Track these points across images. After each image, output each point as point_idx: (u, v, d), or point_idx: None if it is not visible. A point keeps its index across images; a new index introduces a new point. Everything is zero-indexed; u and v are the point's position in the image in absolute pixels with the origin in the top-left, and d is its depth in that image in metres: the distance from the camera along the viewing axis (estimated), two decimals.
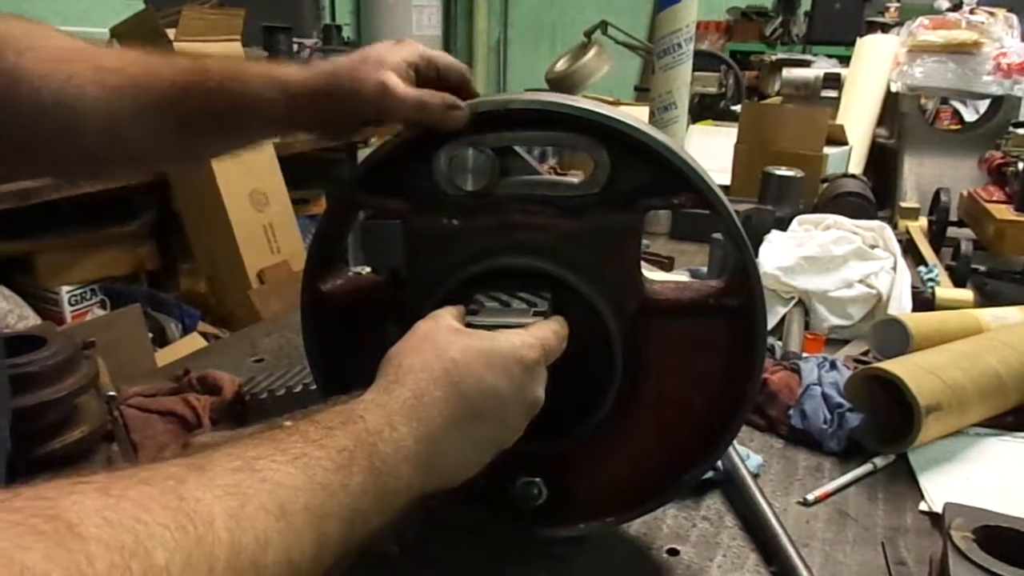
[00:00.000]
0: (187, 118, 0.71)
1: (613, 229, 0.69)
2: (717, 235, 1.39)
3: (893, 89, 2.37)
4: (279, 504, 0.40)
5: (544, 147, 2.05)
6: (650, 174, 0.67)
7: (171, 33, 2.53)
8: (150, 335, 2.49)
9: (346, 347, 0.77)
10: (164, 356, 2.34)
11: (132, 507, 0.34)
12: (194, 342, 2.53)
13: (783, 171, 1.76)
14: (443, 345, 0.53)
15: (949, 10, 2.69)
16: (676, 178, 0.67)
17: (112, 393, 0.94)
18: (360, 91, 0.68)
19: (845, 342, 1.31)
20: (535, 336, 0.59)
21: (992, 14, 2.27)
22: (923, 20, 2.32)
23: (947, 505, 0.76)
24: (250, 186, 2.80)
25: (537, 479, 0.73)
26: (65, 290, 2.60)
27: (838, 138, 2.22)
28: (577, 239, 0.69)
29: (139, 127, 0.71)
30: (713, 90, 3.33)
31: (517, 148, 0.70)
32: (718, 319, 0.71)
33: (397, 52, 0.71)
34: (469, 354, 0.54)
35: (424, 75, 0.71)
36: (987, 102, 2.34)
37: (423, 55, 0.72)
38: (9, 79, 0.67)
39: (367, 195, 0.73)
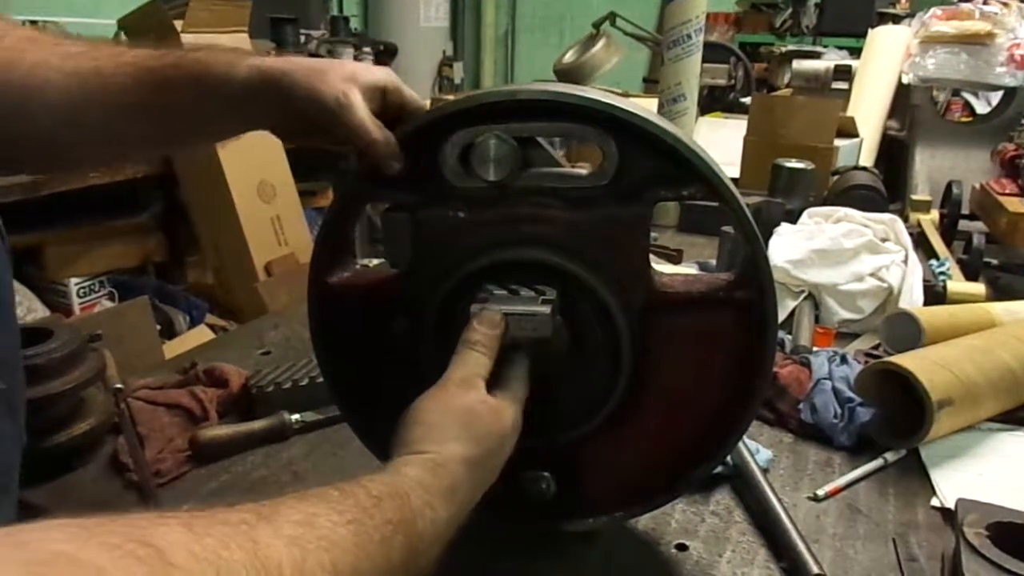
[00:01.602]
0: (150, 103, 0.70)
1: (622, 221, 0.68)
2: (726, 228, 1.38)
3: (905, 81, 2.35)
4: (333, 562, 0.43)
5: (552, 138, 2.04)
6: (659, 165, 0.66)
7: (178, 25, 2.52)
8: (158, 327, 2.49)
9: (353, 340, 0.77)
10: (172, 348, 2.34)
11: (214, 543, 0.37)
12: (201, 334, 2.53)
13: (793, 163, 1.75)
14: (483, 431, 0.58)
15: (962, 0, 2.66)
16: (686, 169, 0.66)
17: (119, 386, 0.94)
18: (320, 98, 0.66)
19: (855, 336, 1.29)
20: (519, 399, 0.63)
21: (1006, 4, 2.25)
22: (936, 11, 2.29)
23: (959, 501, 0.75)
24: (257, 178, 2.80)
25: (546, 474, 0.72)
26: (73, 282, 2.61)
27: (849, 130, 2.21)
28: (585, 231, 0.68)
29: (103, 113, 0.70)
30: (722, 82, 3.32)
31: (539, 139, 0.69)
32: (728, 312, 0.70)
33: (371, 72, 0.69)
34: (501, 437, 0.59)
35: (389, 102, 0.70)
36: (1000, 94, 2.32)
37: (395, 83, 0.70)
38: None
39: (373, 187, 0.73)
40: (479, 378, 0.60)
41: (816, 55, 3.37)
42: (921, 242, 1.74)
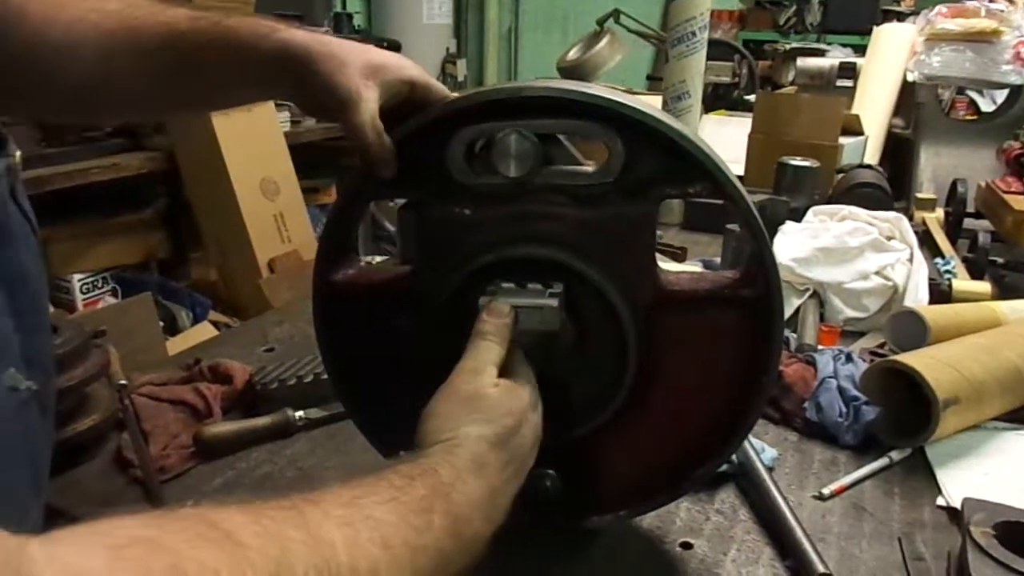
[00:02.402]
0: (179, 66, 0.71)
1: (628, 218, 0.68)
2: (731, 226, 1.38)
3: (910, 78, 2.34)
4: (383, 538, 0.44)
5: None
6: (665, 162, 0.66)
7: None
8: (161, 323, 2.49)
9: (358, 337, 0.76)
10: (175, 345, 2.34)
11: (272, 524, 0.39)
12: (205, 331, 2.53)
13: (798, 161, 1.74)
14: (497, 411, 0.58)
15: None
16: (692, 166, 0.66)
17: (123, 382, 0.94)
18: (333, 89, 0.65)
19: (860, 334, 1.29)
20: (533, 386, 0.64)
21: (1012, 2, 2.24)
22: (941, 8, 2.28)
23: (966, 500, 0.75)
24: (260, 175, 2.80)
25: (551, 471, 0.72)
26: (77, 278, 2.61)
27: (854, 128, 2.20)
28: (591, 229, 0.68)
29: (136, 72, 0.71)
30: (726, 79, 3.30)
31: (560, 136, 0.69)
32: (734, 310, 0.69)
33: (398, 68, 0.68)
34: (517, 416, 0.59)
35: (415, 98, 0.69)
36: (1005, 92, 2.31)
37: (424, 79, 0.70)
38: (14, 17, 0.67)
39: (378, 185, 0.72)
40: (490, 365, 0.61)
41: (820, 53, 3.36)
42: (926, 240, 1.73)
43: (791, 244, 1.34)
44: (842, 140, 2.08)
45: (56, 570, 0.31)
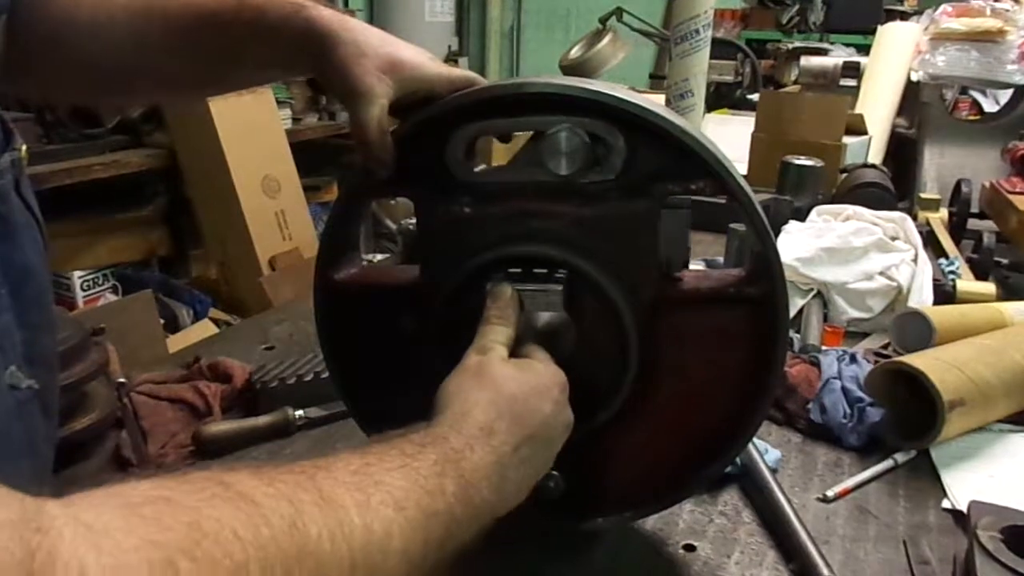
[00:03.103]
0: (207, 47, 0.71)
1: (629, 216, 0.67)
2: (734, 225, 1.37)
3: (914, 78, 2.32)
4: (396, 501, 0.44)
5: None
6: (667, 159, 0.65)
7: None
8: (162, 321, 2.49)
9: (359, 336, 0.76)
10: (176, 342, 2.34)
11: (285, 487, 0.40)
12: (205, 328, 2.53)
13: (801, 160, 1.73)
14: (501, 381, 0.58)
15: None
16: (694, 163, 0.65)
17: (122, 380, 0.93)
18: (345, 80, 0.65)
19: (864, 335, 1.28)
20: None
21: (1017, 1, 2.22)
22: (946, 7, 2.27)
23: (972, 504, 0.74)
24: (262, 172, 2.79)
25: (555, 472, 0.71)
26: (77, 275, 2.61)
27: (857, 127, 2.19)
28: (592, 227, 0.67)
29: (167, 51, 0.72)
30: (729, 78, 3.29)
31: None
32: (739, 309, 0.69)
33: (420, 67, 0.67)
34: (525, 388, 0.58)
35: (437, 96, 0.68)
36: (1009, 92, 2.30)
37: (447, 77, 0.68)
38: (40, 0, 0.68)
39: (378, 182, 0.72)
40: (497, 344, 0.61)
41: (823, 52, 3.35)
42: (930, 240, 1.72)
43: (795, 244, 1.33)
44: (846, 139, 2.07)
45: (74, 526, 0.31)
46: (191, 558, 0.33)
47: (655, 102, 0.68)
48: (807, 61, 2.70)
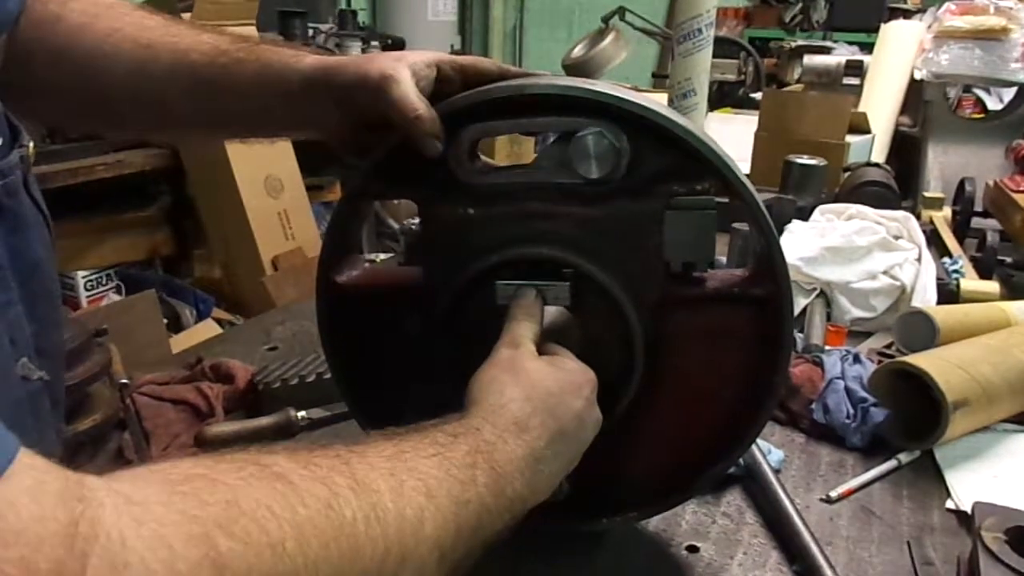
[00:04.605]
0: (215, 84, 0.71)
1: (634, 217, 0.67)
2: (737, 224, 1.37)
3: (917, 76, 2.32)
4: (428, 488, 0.45)
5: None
6: (672, 160, 0.65)
7: (186, 17, 2.51)
8: (165, 321, 2.49)
9: (362, 336, 0.76)
10: (179, 342, 2.34)
11: (320, 470, 0.41)
12: (208, 328, 2.53)
13: (804, 159, 1.72)
14: (536, 376, 0.58)
15: None
16: (699, 164, 0.65)
17: (125, 381, 0.93)
18: (366, 75, 0.65)
19: (868, 335, 1.28)
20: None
21: None
22: (950, 5, 2.26)
23: (977, 505, 0.74)
24: (264, 172, 2.79)
25: None
26: (81, 275, 2.61)
27: (861, 126, 2.18)
28: (596, 227, 0.67)
29: (170, 90, 0.72)
30: (732, 77, 3.29)
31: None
32: (743, 309, 0.69)
33: (420, 53, 0.69)
34: (559, 384, 0.59)
35: (446, 74, 0.68)
36: (1013, 90, 2.29)
37: (449, 59, 0.69)
38: (53, 19, 0.70)
39: (382, 183, 0.72)
40: (526, 339, 0.61)
41: (826, 50, 3.34)
42: (933, 239, 1.71)
43: (798, 243, 1.33)
44: (849, 138, 2.06)
45: (115, 498, 0.32)
46: (228, 534, 0.34)
47: (658, 102, 0.68)
48: (810, 60, 2.69)
